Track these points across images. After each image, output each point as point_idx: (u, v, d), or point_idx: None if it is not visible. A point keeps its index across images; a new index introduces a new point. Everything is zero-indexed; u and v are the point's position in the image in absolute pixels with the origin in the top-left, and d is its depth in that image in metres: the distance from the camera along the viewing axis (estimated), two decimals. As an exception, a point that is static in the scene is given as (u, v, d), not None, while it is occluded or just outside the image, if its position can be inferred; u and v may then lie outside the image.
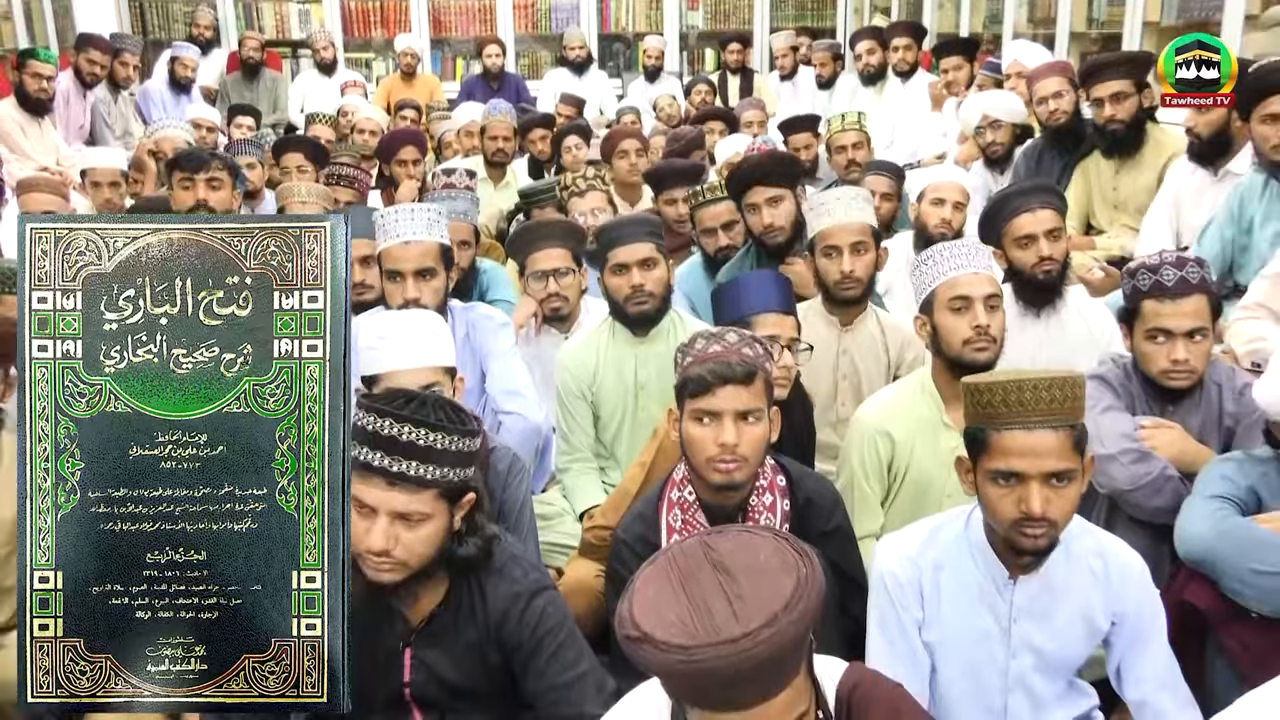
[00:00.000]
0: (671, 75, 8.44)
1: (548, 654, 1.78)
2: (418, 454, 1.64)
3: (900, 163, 5.55)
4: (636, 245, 2.83)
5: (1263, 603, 1.94)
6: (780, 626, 1.12)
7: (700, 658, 1.11)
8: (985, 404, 1.72)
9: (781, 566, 1.19)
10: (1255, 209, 3.27)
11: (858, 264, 2.88)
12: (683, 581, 1.19)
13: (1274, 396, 2.00)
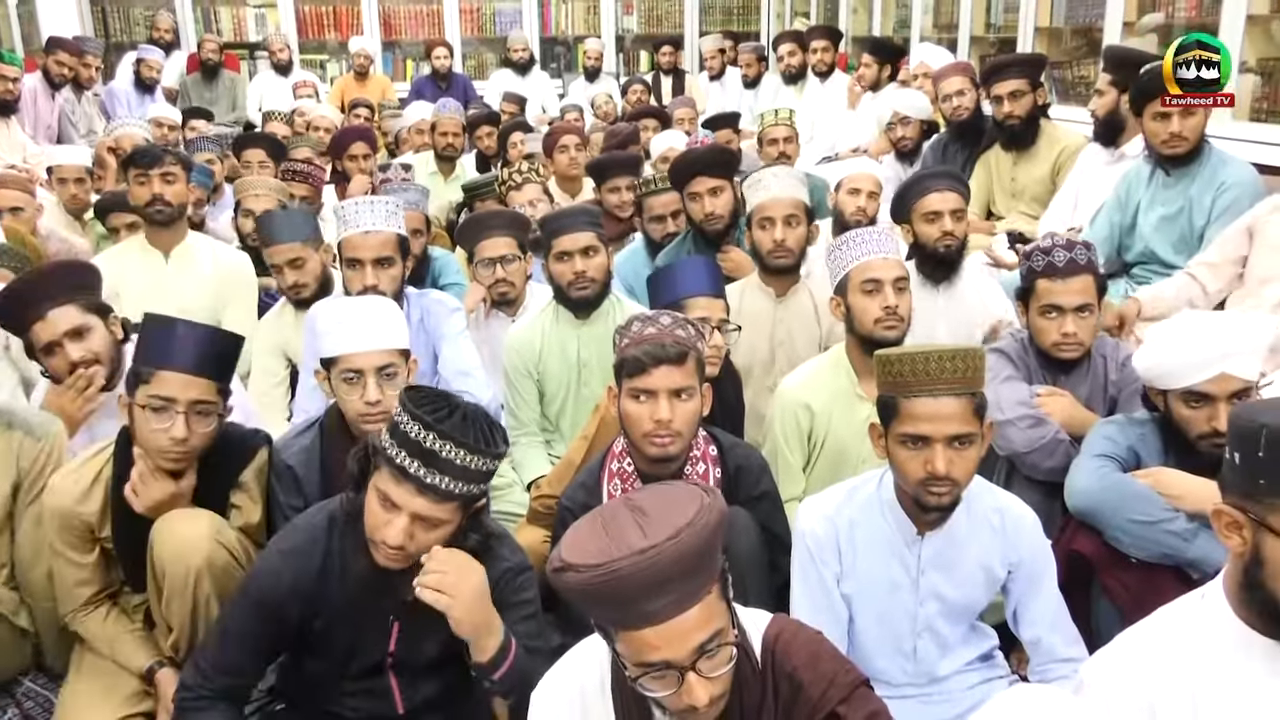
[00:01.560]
0: (609, 76, 8.40)
1: (516, 619, 1.78)
2: (453, 470, 1.61)
3: (819, 155, 5.63)
4: (579, 234, 2.83)
5: (1140, 549, 1.99)
6: (683, 537, 1.18)
7: (614, 569, 1.17)
8: (896, 374, 1.75)
9: (688, 496, 1.25)
10: (1141, 195, 3.34)
11: (789, 235, 2.91)
12: (604, 523, 1.25)
13: (1150, 365, 2.05)
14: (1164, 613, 1.38)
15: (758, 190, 2.98)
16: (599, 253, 2.84)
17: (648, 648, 1.21)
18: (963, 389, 1.73)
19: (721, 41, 7.88)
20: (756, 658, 1.38)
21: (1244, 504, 1.25)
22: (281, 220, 3.10)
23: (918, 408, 1.72)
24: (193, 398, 1.98)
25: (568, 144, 4.82)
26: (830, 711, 1.34)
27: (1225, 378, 1.93)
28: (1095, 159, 3.82)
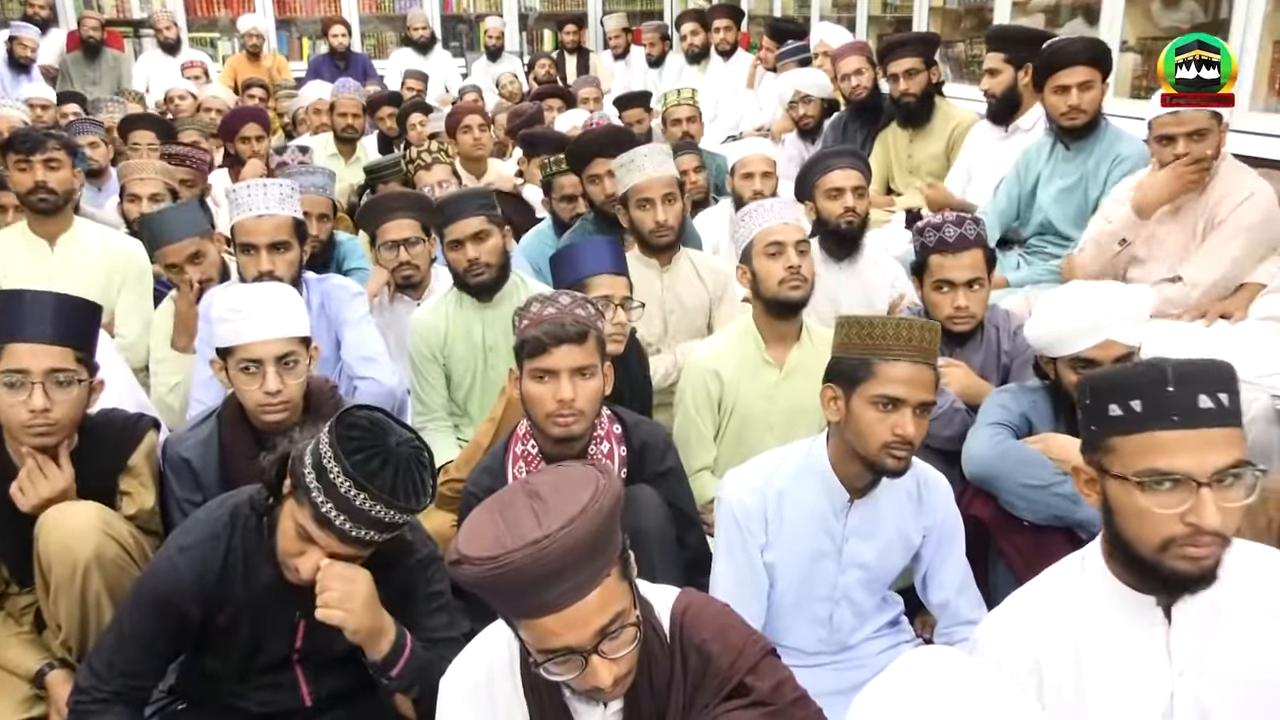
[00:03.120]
0: (512, 54, 8.30)
1: (425, 612, 1.76)
2: (380, 526, 1.57)
3: (724, 134, 5.66)
4: (467, 220, 2.76)
5: (1033, 512, 2.06)
6: (575, 526, 1.18)
7: (508, 562, 1.16)
8: (876, 336, 1.76)
9: (583, 481, 1.24)
10: (1041, 168, 3.43)
11: (669, 213, 2.96)
12: (501, 510, 1.24)
13: (1039, 334, 2.12)
14: (1048, 574, 1.44)
15: (632, 172, 3.00)
16: (491, 236, 2.79)
17: (549, 634, 1.21)
18: (930, 358, 1.77)
19: (625, 20, 7.85)
20: (665, 633, 1.39)
21: (1090, 456, 1.32)
22: (171, 217, 2.97)
23: (895, 370, 1.74)
24: (47, 366, 1.91)
25: (471, 124, 4.75)
26: (739, 682, 1.36)
27: (1109, 344, 2.01)
28: (986, 135, 3.93)
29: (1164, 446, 1.24)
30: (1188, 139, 2.70)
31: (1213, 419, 1.24)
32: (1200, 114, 2.67)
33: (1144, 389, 1.25)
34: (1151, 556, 1.27)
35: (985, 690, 0.99)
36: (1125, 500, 1.27)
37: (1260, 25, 3.26)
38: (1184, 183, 2.72)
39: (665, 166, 3.02)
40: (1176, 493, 1.23)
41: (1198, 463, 1.23)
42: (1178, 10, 3.97)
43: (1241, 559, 1.31)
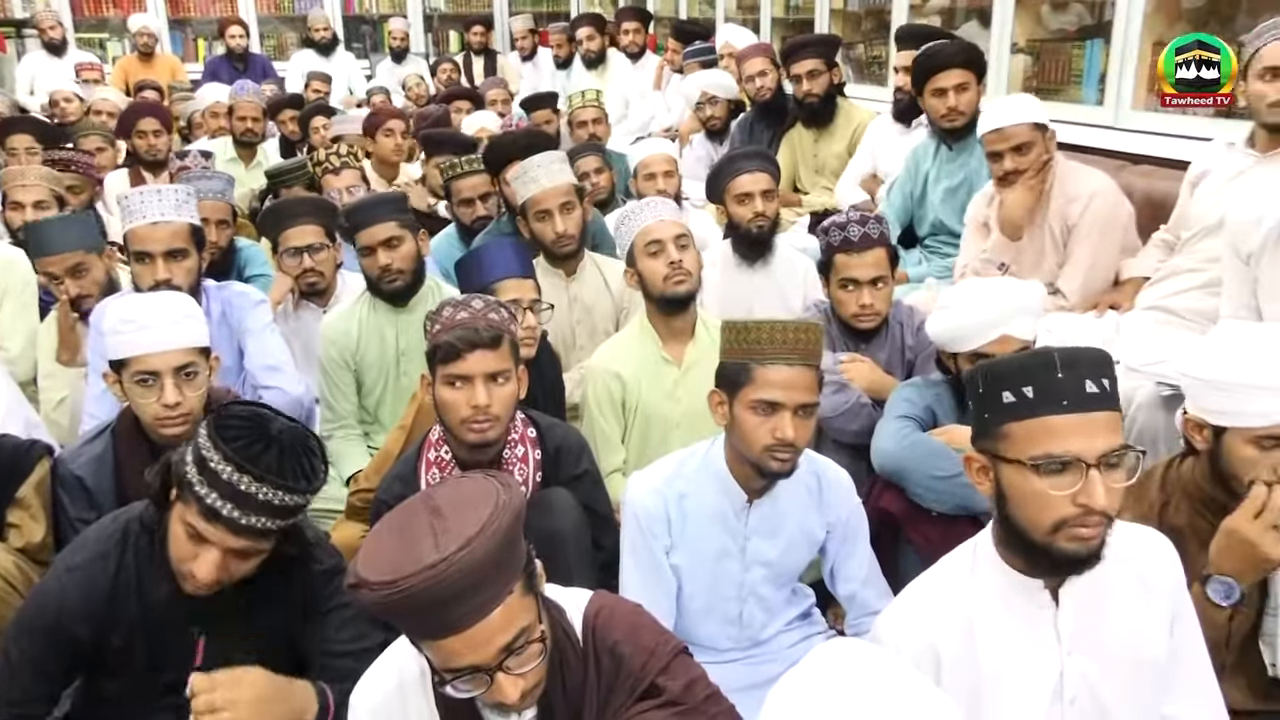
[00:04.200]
0: (418, 56, 8.19)
1: (336, 624, 1.72)
2: (270, 511, 1.51)
3: (633, 136, 5.68)
4: (378, 227, 2.71)
5: (939, 502, 2.11)
6: (474, 548, 1.16)
7: (404, 587, 1.14)
8: (752, 340, 1.77)
9: (482, 497, 1.22)
10: (929, 168, 3.55)
11: (568, 222, 2.93)
12: (401, 528, 1.22)
13: (940, 330, 2.18)
14: (943, 563, 1.48)
15: (527, 184, 2.96)
16: (404, 242, 2.75)
17: (452, 654, 1.20)
18: (811, 360, 1.79)
19: (531, 21, 7.82)
20: (578, 636, 1.39)
21: (982, 444, 1.36)
22: (56, 228, 2.85)
23: (772, 375, 1.76)
24: None
25: (394, 128, 4.67)
26: (651, 682, 1.36)
27: (1006, 339, 2.08)
28: (887, 131, 4.02)
29: (1056, 431, 1.28)
30: (1012, 153, 2.81)
31: (1098, 403, 1.29)
32: (1021, 127, 2.79)
33: (1035, 375, 1.29)
34: (1043, 539, 1.31)
35: (892, 680, 1.01)
36: (1019, 485, 1.31)
37: (1139, 29, 3.41)
38: (1035, 194, 2.83)
39: (560, 175, 2.98)
40: (1067, 475, 1.28)
41: (1087, 445, 1.27)
42: (1066, 13, 4.13)
43: (1121, 540, 1.36)
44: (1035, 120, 2.84)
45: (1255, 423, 1.56)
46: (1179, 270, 2.74)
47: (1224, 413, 1.59)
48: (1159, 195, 3.06)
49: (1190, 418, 1.65)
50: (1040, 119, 2.85)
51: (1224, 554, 1.59)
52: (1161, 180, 3.11)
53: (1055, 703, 1.41)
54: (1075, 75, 3.82)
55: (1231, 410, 1.58)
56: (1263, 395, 1.53)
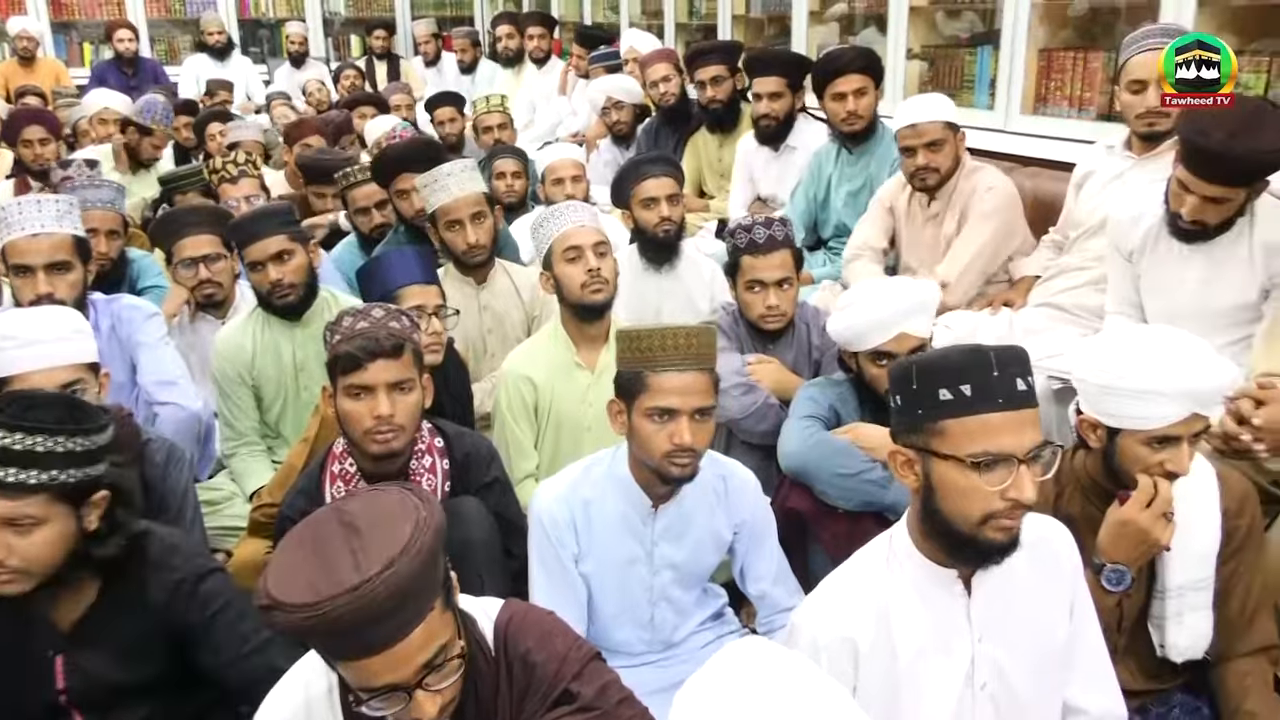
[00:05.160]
0: (318, 61, 8.03)
1: (224, 630, 1.67)
2: (17, 459, 1.46)
3: (540, 141, 5.66)
4: (268, 241, 2.63)
5: (846, 499, 2.14)
6: (398, 568, 1.13)
7: (324, 610, 1.11)
8: (644, 349, 1.78)
9: (402, 514, 1.20)
10: (831, 171, 3.62)
11: (479, 232, 2.90)
12: (315, 546, 1.18)
13: (840, 330, 2.23)
14: (858, 556, 1.51)
15: (437, 192, 2.92)
16: (295, 255, 2.67)
17: (371, 674, 1.17)
18: (705, 364, 1.80)
19: (434, 25, 7.74)
20: (490, 646, 1.38)
21: (911, 440, 1.39)
22: None
23: (666, 381, 1.76)
24: None
25: (312, 143, 4.54)
26: (564, 689, 1.36)
27: (904, 337, 2.13)
28: (758, 154, 4.02)
29: (993, 428, 1.31)
30: (926, 150, 2.92)
31: (1026, 400, 1.33)
32: (935, 125, 2.91)
33: (972, 374, 1.32)
34: (970, 530, 1.35)
35: (794, 677, 1.02)
36: (953, 479, 1.34)
37: (1025, 36, 3.54)
38: None
39: (471, 184, 2.94)
40: (998, 470, 1.31)
41: (1017, 442, 1.31)
42: (959, 20, 4.26)
43: (1025, 529, 1.40)
44: (947, 119, 2.94)
45: (1147, 426, 1.62)
46: (1068, 268, 2.85)
47: (1118, 416, 1.65)
48: (1047, 196, 3.18)
49: (1085, 418, 1.72)
50: (952, 118, 2.95)
51: (1116, 543, 1.66)
52: (1049, 181, 3.23)
53: (967, 688, 1.45)
54: (967, 80, 3.95)
55: (1125, 415, 1.64)
56: (1154, 401, 1.60)
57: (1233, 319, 2.32)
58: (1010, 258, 3.08)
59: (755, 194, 4.08)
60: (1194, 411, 1.60)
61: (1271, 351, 2.12)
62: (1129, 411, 1.63)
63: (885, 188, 3.27)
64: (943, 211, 3.06)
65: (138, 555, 1.64)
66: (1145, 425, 1.62)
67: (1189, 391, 1.59)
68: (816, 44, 4.79)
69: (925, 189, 3.04)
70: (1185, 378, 1.58)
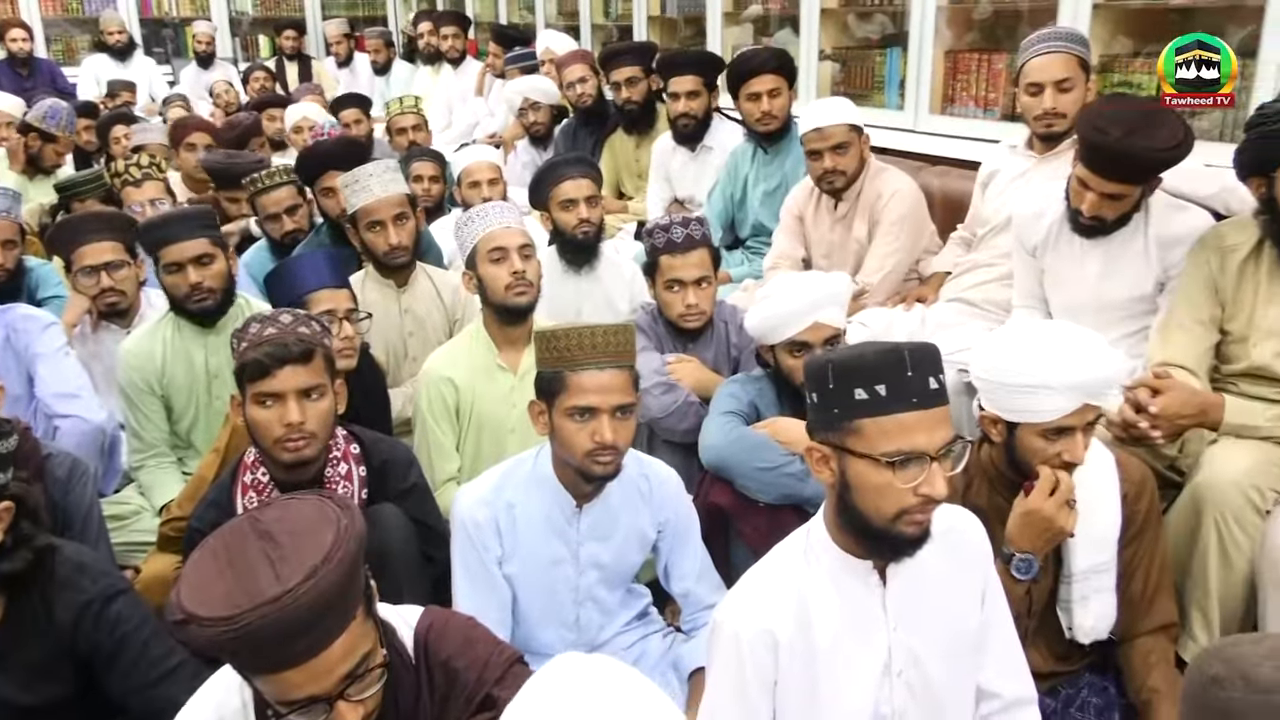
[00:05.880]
0: (226, 61, 7.83)
1: (132, 654, 1.61)
2: None
3: (457, 143, 5.61)
4: (190, 243, 2.57)
5: (765, 493, 2.17)
6: (320, 577, 1.11)
7: (244, 623, 1.08)
8: (562, 348, 1.78)
9: (322, 522, 1.17)
10: (748, 171, 3.67)
11: (401, 234, 2.86)
12: (230, 557, 1.15)
13: (755, 324, 2.26)
14: (776, 551, 1.53)
15: (359, 192, 2.88)
16: (216, 260, 2.61)
17: (290, 687, 1.14)
18: (624, 362, 1.80)
19: (346, 25, 7.61)
20: (410, 654, 1.36)
21: (827, 437, 1.41)
22: None
23: (586, 380, 1.77)
24: None
25: (196, 143, 4.41)
26: (486, 694, 1.34)
27: (818, 326, 2.17)
28: (675, 154, 4.05)
29: (907, 427, 1.33)
30: (832, 153, 2.98)
31: (938, 398, 1.36)
32: (840, 127, 2.97)
33: (886, 374, 1.34)
34: (884, 525, 1.37)
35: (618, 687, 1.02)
36: (868, 476, 1.36)
37: (932, 38, 3.63)
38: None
39: (393, 185, 2.90)
40: (912, 468, 1.34)
41: (929, 440, 1.34)
42: (870, 23, 4.34)
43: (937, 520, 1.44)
44: (852, 122, 2.99)
45: (1041, 419, 1.69)
46: (976, 265, 2.93)
47: (1013, 410, 1.72)
48: (956, 194, 3.27)
49: (985, 414, 1.77)
50: (856, 121, 3.01)
51: (1023, 532, 1.72)
52: (958, 180, 3.32)
53: (884, 677, 1.48)
54: (878, 81, 4.03)
55: (1020, 409, 1.70)
56: (1045, 394, 1.66)
57: (1131, 311, 2.41)
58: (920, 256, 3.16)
59: (673, 194, 4.11)
60: (1085, 402, 1.67)
61: (1167, 342, 2.21)
62: (1023, 405, 1.69)
63: (792, 196, 3.31)
64: (851, 213, 3.12)
65: (44, 573, 1.58)
66: (1039, 418, 1.68)
67: (1078, 384, 1.65)
68: (731, 45, 4.84)
69: (833, 191, 3.10)
70: (1073, 371, 1.65)
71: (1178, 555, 2.00)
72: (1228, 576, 1.96)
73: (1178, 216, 2.33)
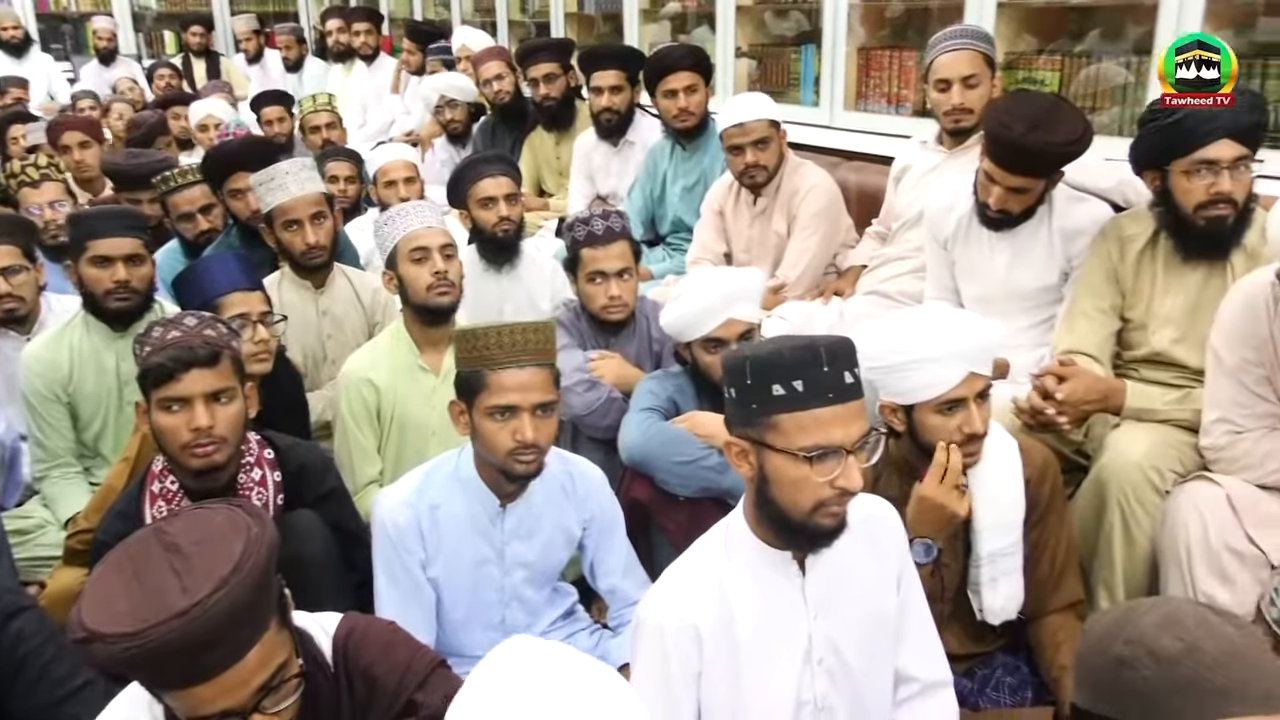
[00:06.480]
0: (129, 58, 7.58)
1: (35, 673, 1.55)
2: None
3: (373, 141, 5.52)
4: (123, 240, 2.52)
5: (685, 487, 2.18)
6: (230, 587, 1.09)
7: (151, 638, 1.05)
8: (481, 348, 1.77)
9: (232, 531, 1.15)
10: (667, 167, 3.69)
11: (319, 233, 2.81)
12: (134, 570, 1.11)
13: (671, 321, 2.27)
14: (698, 545, 1.55)
15: (274, 191, 2.82)
16: (144, 262, 2.57)
17: (202, 702, 1.11)
18: (544, 360, 1.80)
19: (255, 21, 7.42)
20: (329, 663, 1.34)
21: (745, 432, 1.42)
22: None
23: (505, 379, 1.76)
24: None
25: (70, 144, 4.24)
26: (408, 699, 1.33)
27: (732, 322, 2.19)
28: (596, 150, 4.06)
29: (824, 422, 1.35)
30: (753, 148, 3.02)
31: (854, 393, 1.39)
32: (760, 123, 3.02)
33: (803, 370, 1.35)
34: (802, 518, 1.39)
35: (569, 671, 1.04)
36: (786, 471, 1.38)
37: (845, 35, 3.69)
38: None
39: (310, 184, 2.85)
40: (828, 462, 1.36)
41: (845, 434, 1.36)
42: (785, 20, 4.39)
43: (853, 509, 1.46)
44: (771, 117, 3.03)
45: (933, 393, 1.74)
46: (891, 258, 2.99)
47: (904, 392, 1.78)
48: (871, 189, 3.33)
49: (884, 404, 1.82)
50: (775, 116, 3.04)
51: (919, 518, 1.77)
52: (873, 175, 3.38)
53: (806, 665, 1.50)
54: (794, 78, 4.08)
55: (911, 388, 1.76)
56: (930, 367, 1.73)
57: (1038, 300, 2.49)
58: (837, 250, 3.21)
59: (595, 191, 4.11)
60: (970, 371, 1.73)
61: (1071, 330, 2.28)
62: (913, 383, 1.75)
63: (713, 192, 3.35)
64: (770, 208, 3.16)
65: None
66: (931, 392, 1.74)
67: (958, 352, 1.72)
68: (649, 42, 4.85)
69: (754, 186, 3.13)
70: (951, 339, 1.72)
71: (1085, 535, 2.08)
72: (1131, 554, 2.04)
73: (1079, 208, 2.42)
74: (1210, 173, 2.04)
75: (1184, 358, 2.18)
